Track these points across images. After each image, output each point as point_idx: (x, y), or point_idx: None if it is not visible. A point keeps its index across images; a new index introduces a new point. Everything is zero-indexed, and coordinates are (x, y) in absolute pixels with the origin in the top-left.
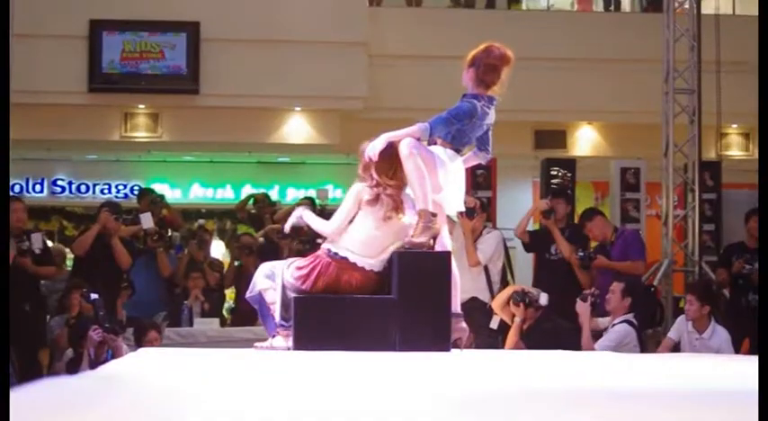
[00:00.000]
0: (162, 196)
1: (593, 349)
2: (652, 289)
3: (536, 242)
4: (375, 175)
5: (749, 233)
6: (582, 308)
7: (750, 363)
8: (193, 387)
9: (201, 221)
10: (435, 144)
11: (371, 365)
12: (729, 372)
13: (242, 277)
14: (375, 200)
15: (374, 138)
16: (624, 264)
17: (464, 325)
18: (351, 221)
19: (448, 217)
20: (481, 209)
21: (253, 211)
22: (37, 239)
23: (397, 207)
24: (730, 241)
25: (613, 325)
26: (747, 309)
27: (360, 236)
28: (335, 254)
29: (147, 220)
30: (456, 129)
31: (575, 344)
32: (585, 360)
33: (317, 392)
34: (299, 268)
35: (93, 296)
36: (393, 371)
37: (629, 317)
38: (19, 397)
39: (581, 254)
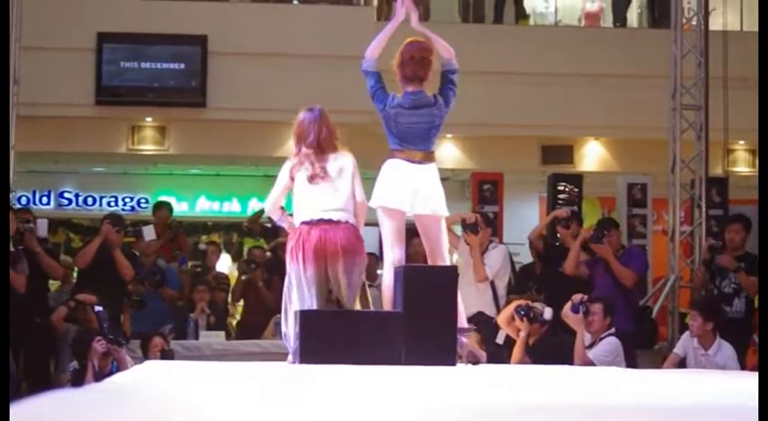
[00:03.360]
0: (180, 223)
1: (586, 358)
2: (647, 309)
3: (551, 253)
4: (293, 143)
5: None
6: (575, 319)
7: (754, 380)
8: (198, 401)
9: (203, 246)
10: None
11: (376, 379)
12: (734, 388)
13: (249, 291)
14: (299, 164)
15: None
16: (619, 267)
17: (464, 340)
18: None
19: (452, 231)
20: (485, 223)
21: (267, 225)
22: (42, 225)
23: (323, 173)
24: None
25: (601, 338)
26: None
27: (299, 201)
28: (302, 222)
29: (149, 233)
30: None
31: None
32: (591, 375)
33: (321, 407)
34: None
35: (98, 308)
36: (398, 386)
37: (613, 331)
38: (22, 410)
39: (594, 232)
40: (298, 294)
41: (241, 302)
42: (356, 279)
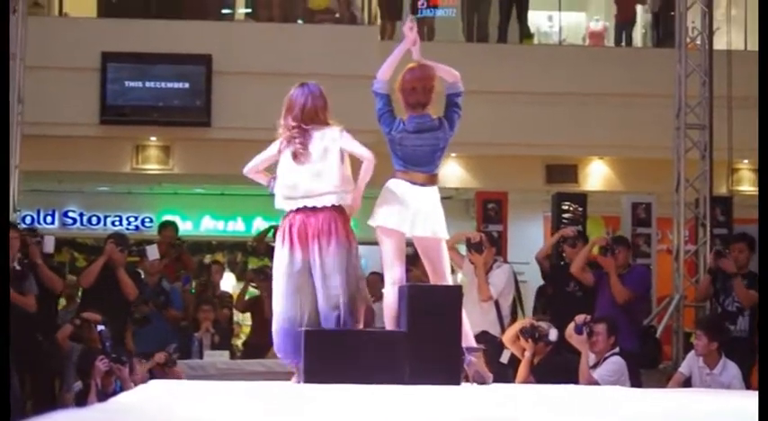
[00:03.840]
0: (183, 241)
1: (590, 378)
2: (651, 329)
3: (557, 273)
4: (281, 119)
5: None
6: (579, 340)
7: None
8: (202, 419)
9: (207, 260)
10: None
11: (381, 399)
12: (735, 408)
13: (256, 307)
14: (286, 142)
15: None
16: (616, 283)
17: (473, 359)
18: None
19: (456, 251)
20: (489, 242)
21: (272, 244)
22: (49, 241)
23: (302, 150)
24: None
25: (605, 358)
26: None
27: (283, 180)
28: (288, 212)
29: (152, 252)
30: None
31: None
32: (595, 394)
33: None
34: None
35: (100, 327)
36: (403, 405)
37: (617, 351)
38: None
39: (605, 245)
40: (276, 285)
41: (249, 322)
42: (335, 265)
